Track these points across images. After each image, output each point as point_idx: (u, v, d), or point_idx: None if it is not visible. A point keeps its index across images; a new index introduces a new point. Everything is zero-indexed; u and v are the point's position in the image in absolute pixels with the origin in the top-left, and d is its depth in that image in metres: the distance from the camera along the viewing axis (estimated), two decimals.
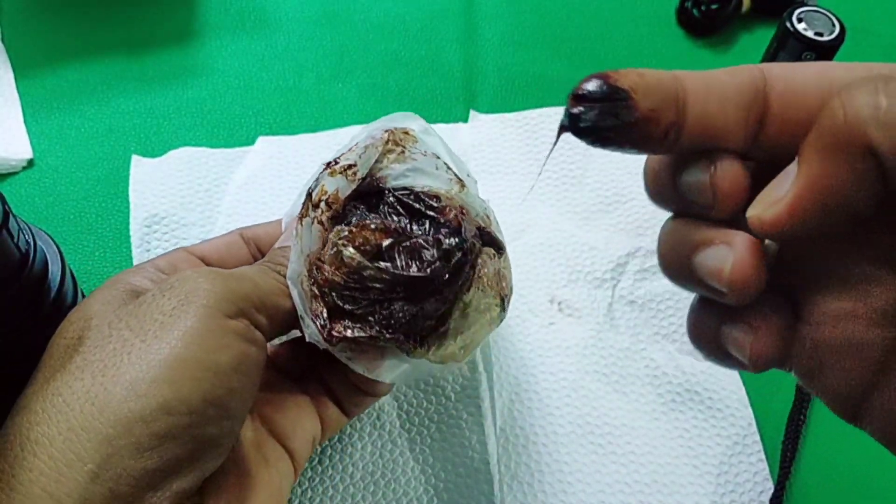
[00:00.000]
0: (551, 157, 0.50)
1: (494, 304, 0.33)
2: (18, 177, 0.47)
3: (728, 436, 0.40)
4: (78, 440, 0.24)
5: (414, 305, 0.31)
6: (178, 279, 0.28)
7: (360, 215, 0.32)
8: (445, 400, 0.39)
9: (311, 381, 0.35)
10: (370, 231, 0.31)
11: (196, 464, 0.26)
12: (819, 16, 0.48)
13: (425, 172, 0.33)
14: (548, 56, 0.57)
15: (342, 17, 0.58)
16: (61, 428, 0.24)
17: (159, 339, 0.26)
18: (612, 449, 0.39)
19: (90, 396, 0.25)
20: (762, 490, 0.39)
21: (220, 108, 0.51)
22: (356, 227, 0.31)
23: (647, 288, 0.45)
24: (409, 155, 0.33)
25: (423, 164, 0.33)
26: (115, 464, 0.24)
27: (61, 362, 0.26)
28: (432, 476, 0.37)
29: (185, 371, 0.25)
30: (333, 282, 0.30)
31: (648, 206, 0.48)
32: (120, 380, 0.25)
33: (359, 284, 0.30)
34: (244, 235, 0.35)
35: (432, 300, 0.31)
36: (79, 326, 0.27)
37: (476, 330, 0.32)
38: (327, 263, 0.30)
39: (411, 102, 0.53)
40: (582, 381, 0.41)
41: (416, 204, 0.32)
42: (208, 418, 0.26)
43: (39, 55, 0.52)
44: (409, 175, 0.33)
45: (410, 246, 0.31)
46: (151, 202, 0.45)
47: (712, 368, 0.42)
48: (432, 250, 0.31)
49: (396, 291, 0.30)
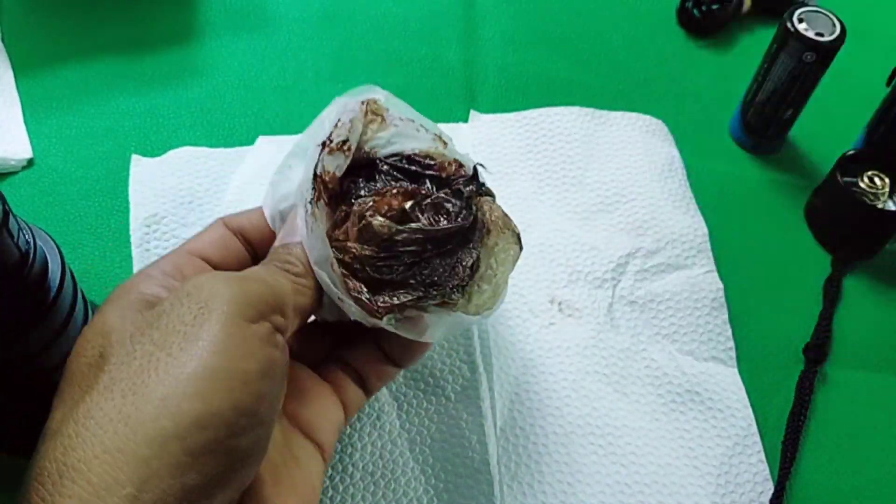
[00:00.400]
0: (552, 157, 0.50)
1: (512, 241, 0.34)
2: (18, 177, 0.47)
3: (728, 436, 0.40)
4: (114, 463, 0.23)
5: (450, 258, 0.31)
6: (194, 286, 0.27)
7: (366, 187, 0.32)
8: (445, 400, 0.39)
9: (328, 366, 0.34)
10: (392, 196, 0.31)
11: (234, 475, 0.25)
12: (819, 16, 0.48)
13: (409, 136, 0.34)
14: (548, 56, 0.57)
15: (342, 17, 0.58)
16: (96, 451, 0.23)
17: (185, 352, 0.25)
18: (613, 449, 0.39)
19: (122, 416, 0.24)
20: (762, 490, 0.39)
21: (220, 108, 0.51)
22: (378, 196, 0.31)
23: (648, 288, 0.45)
24: (389, 122, 0.34)
25: (404, 128, 0.34)
26: (153, 485, 0.23)
27: (87, 382, 0.26)
28: (432, 476, 0.37)
29: (215, 383, 0.25)
30: (364, 256, 0.30)
31: (648, 206, 0.48)
32: (150, 397, 0.24)
33: (390, 252, 0.30)
34: (230, 226, 0.34)
35: (465, 249, 0.32)
36: (98, 343, 0.27)
37: (503, 271, 0.33)
38: (352, 240, 0.30)
39: (411, 102, 0.52)
40: (582, 382, 0.41)
41: (412, 166, 0.33)
42: (241, 428, 0.25)
43: (39, 55, 0.52)
44: (395, 141, 0.33)
45: (432, 202, 0.32)
46: (151, 202, 0.45)
47: (712, 369, 0.42)
48: (454, 201, 0.32)
49: (429, 249, 0.31)
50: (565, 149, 0.50)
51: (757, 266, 0.48)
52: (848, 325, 0.46)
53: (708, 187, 0.50)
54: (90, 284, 0.43)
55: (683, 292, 0.45)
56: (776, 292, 0.47)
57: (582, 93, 0.54)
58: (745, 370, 0.43)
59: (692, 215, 0.48)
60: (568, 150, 0.50)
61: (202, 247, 0.33)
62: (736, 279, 0.46)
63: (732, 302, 0.45)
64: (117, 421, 0.24)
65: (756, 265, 0.48)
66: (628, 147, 0.51)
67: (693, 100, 0.55)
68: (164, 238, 0.44)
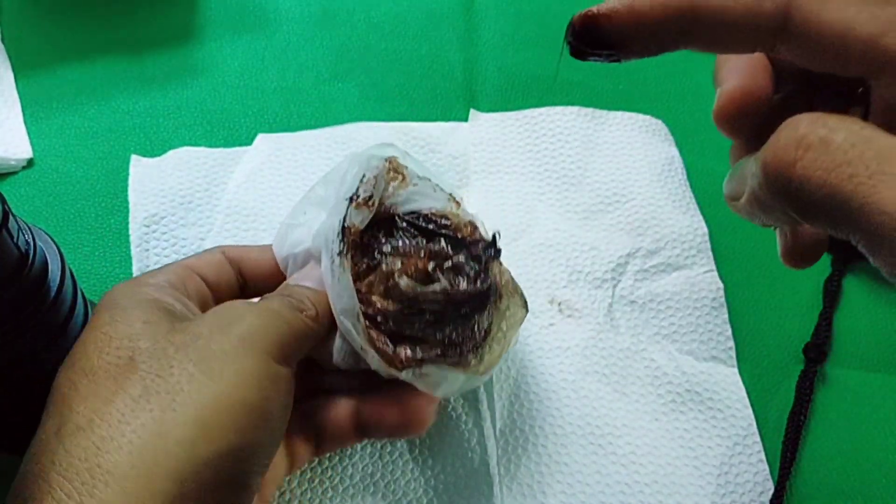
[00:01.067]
0: (552, 157, 0.50)
1: (520, 305, 0.36)
2: (18, 177, 0.47)
3: (728, 436, 0.40)
4: (150, 476, 0.23)
5: (468, 320, 0.33)
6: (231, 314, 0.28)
7: (387, 243, 0.34)
8: (445, 401, 0.39)
9: None
10: (417, 257, 0.33)
11: None
12: None
13: (426, 195, 0.36)
14: (548, 56, 0.57)
15: (342, 17, 0.58)
16: (134, 460, 0.24)
17: (225, 381, 0.26)
18: (613, 449, 0.39)
19: (160, 431, 0.24)
20: (762, 490, 0.39)
21: (220, 108, 0.51)
22: (405, 257, 0.33)
23: (648, 288, 0.45)
24: (409, 181, 0.36)
25: (422, 187, 0.36)
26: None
27: (117, 383, 0.26)
28: (432, 477, 0.37)
29: (250, 419, 0.26)
30: (388, 311, 0.32)
31: (648, 206, 0.48)
32: (189, 418, 0.25)
33: (412, 309, 0.32)
34: (227, 255, 0.35)
35: (481, 313, 0.34)
36: (126, 346, 0.27)
37: (511, 333, 0.35)
38: (377, 294, 0.32)
39: (411, 102, 0.53)
40: (582, 382, 0.41)
41: (429, 225, 0.35)
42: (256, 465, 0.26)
43: (39, 55, 0.52)
44: (413, 199, 0.35)
45: (452, 266, 0.34)
46: (151, 202, 0.45)
47: (712, 369, 0.42)
48: (473, 265, 0.34)
49: (448, 310, 0.33)
50: (565, 148, 0.50)
51: (757, 266, 0.48)
52: (848, 325, 0.46)
53: (708, 187, 0.50)
54: (90, 284, 0.43)
55: (683, 292, 0.45)
56: (776, 292, 0.47)
57: (582, 93, 0.54)
58: (745, 370, 0.43)
59: (692, 215, 0.48)
60: (568, 149, 0.50)
61: (201, 266, 0.33)
62: (736, 279, 0.46)
63: (732, 302, 0.45)
64: (154, 434, 0.24)
65: (756, 265, 0.48)
66: (628, 147, 0.51)
67: (693, 100, 0.55)
68: (163, 238, 0.44)
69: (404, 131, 0.50)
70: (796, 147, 0.20)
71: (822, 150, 0.19)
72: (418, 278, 0.33)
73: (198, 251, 0.43)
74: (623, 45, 0.23)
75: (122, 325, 0.28)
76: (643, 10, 0.23)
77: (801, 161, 0.19)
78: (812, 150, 0.19)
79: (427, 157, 0.49)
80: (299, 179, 0.47)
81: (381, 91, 0.54)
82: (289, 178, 0.47)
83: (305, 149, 0.49)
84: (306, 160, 0.48)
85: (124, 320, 0.28)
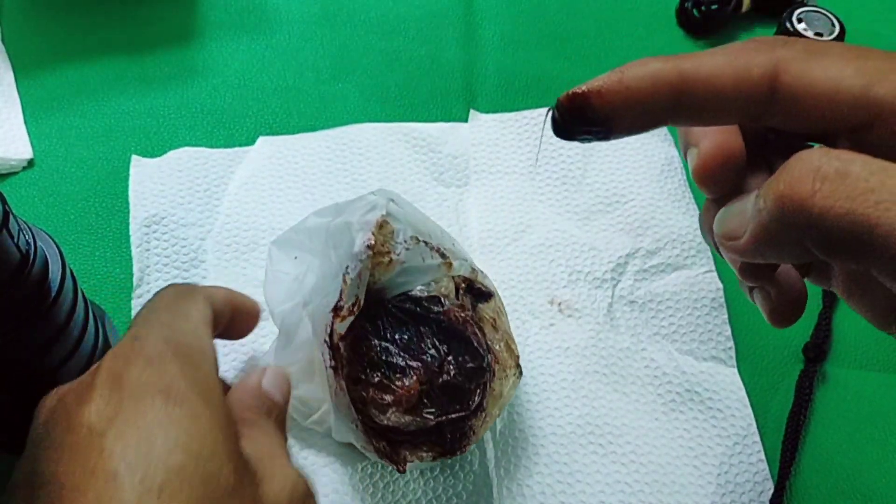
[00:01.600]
0: (551, 157, 0.50)
1: (513, 372, 0.36)
2: (18, 177, 0.47)
3: (728, 436, 0.40)
4: None
5: (464, 423, 0.34)
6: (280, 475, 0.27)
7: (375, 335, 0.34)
8: None
9: None
10: (405, 389, 0.33)
11: None
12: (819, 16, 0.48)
13: (416, 269, 0.35)
14: (548, 56, 0.57)
15: (342, 17, 0.58)
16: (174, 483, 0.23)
17: None
18: (613, 449, 0.39)
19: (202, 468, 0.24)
20: (762, 490, 0.39)
21: (220, 108, 0.51)
22: (392, 395, 0.33)
23: (647, 288, 0.45)
24: (395, 259, 0.34)
25: (411, 258, 0.35)
26: None
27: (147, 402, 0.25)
28: (431, 479, 0.37)
29: None
30: (384, 426, 0.33)
31: (648, 206, 0.48)
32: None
33: (409, 428, 0.34)
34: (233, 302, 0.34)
35: (476, 416, 0.34)
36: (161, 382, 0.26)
37: (505, 400, 0.36)
38: (374, 407, 0.33)
39: (411, 102, 0.53)
40: (582, 382, 0.41)
41: (417, 308, 0.35)
42: None
43: (39, 55, 0.52)
44: (401, 280, 0.35)
45: (443, 384, 0.34)
46: (151, 202, 0.45)
47: (712, 368, 0.43)
48: (464, 380, 0.34)
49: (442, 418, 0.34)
50: (565, 149, 0.50)
51: None
52: (848, 324, 0.46)
53: None
54: (90, 284, 0.43)
55: (683, 292, 0.45)
56: None
57: None
58: (745, 370, 0.43)
59: (692, 215, 0.48)
60: (567, 149, 0.50)
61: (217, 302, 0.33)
62: (736, 279, 0.46)
63: (732, 302, 0.45)
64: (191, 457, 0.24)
65: None
66: (627, 147, 0.51)
67: None
68: (163, 238, 0.44)
69: (404, 131, 0.50)
70: (813, 179, 0.19)
71: (841, 181, 0.19)
72: (408, 408, 0.33)
73: (198, 251, 0.44)
74: (613, 122, 0.23)
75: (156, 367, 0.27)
76: (634, 85, 0.22)
77: (821, 192, 0.19)
78: (829, 181, 0.19)
79: (427, 157, 0.49)
80: (299, 181, 0.47)
81: (381, 91, 0.54)
82: (289, 180, 0.47)
83: (306, 151, 0.49)
84: (307, 162, 0.48)
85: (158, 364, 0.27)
